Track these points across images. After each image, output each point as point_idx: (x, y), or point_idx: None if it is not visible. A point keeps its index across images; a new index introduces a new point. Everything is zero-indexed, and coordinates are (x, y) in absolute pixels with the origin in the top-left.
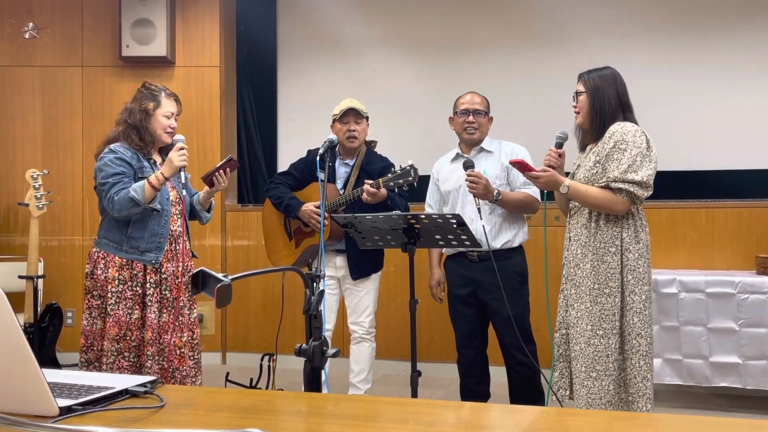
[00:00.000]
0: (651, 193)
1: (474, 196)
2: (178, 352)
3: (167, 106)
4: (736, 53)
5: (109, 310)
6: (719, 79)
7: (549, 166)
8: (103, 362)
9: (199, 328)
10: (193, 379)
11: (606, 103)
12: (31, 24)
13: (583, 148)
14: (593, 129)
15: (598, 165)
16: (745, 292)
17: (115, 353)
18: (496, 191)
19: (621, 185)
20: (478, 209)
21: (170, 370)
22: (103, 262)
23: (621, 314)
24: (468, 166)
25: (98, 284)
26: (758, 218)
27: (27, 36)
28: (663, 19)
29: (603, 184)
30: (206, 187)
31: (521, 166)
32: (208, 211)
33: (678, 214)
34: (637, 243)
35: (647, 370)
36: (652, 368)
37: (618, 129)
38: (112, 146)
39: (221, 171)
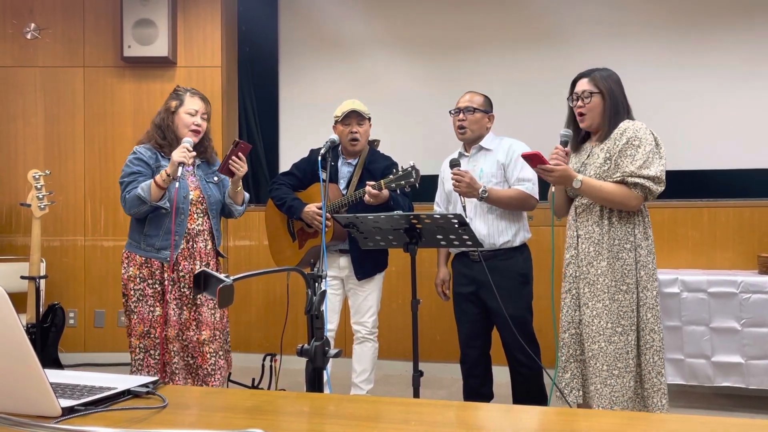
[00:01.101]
0: (664, 188)
1: (459, 195)
2: (200, 349)
3: (190, 103)
4: (737, 52)
5: (132, 307)
6: (720, 79)
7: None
8: (131, 358)
9: (223, 327)
10: (223, 379)
11: (620, 105)
12: (32, 24)
13: (576, 148)
14: (605, 129)
15: (609, 161)
16: (747, 291)
17: (143, 350)
18: (482, 188)
19: (637, 180)
20: (464, 207)
21: (194, 366)
22: (127, 261)
23: (636, 311)
24: (453, 165)
25: (123, 283)
26: (760, 218)
27: (29, 36)
28: (664, 18)
29: (618, 178)
30: (229, 180)
31: (535, 159)
32: (241, 204)
33: (680, 214)
34: (646, 239)
35: (661, 366)
36: (665, 363)
37: (630, 126)
38: (135, 148)
39: (234, 157)
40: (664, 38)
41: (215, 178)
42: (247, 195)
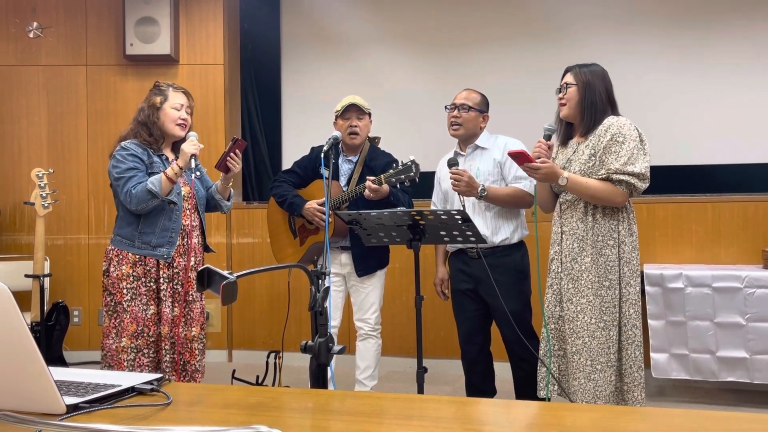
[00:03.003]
0: (648, 184)
1: (458, 194)
2: (188, 345)
3: (175, 98)
4: (742, 47)
5: (125, 306)
6: (725, 73)
7: (538, 158)
8: (123, 359)
9: (205, 323)
10: (201, 373)
11: (597, 98)
12: (35, 23)
13: (564, 143)
14: (582, 123)
15: (594, 158)
16: (751, 286)
17: (135, 350)
18: (481, 187)
19: (622, 177)
20: (463, 206)
21: (181, 363)
22: (117, 259)
23: (619, 306)
24: (452, 164)
25: (111, 282)
26: (765, 212)
27: (31, 35)
28: (669, 13)
29: (603, 175)
30: (222, 176)
31: (521, 157)
32: (228, 199)
33: (684, 209)
34: (630, 236)
35: (641, 360)
36: (644, 358)
37: (614, 122)
38: (123, 143)
39: (232, 154)
40: (668, 33)
41: (197, 173)
42: (232, 191)
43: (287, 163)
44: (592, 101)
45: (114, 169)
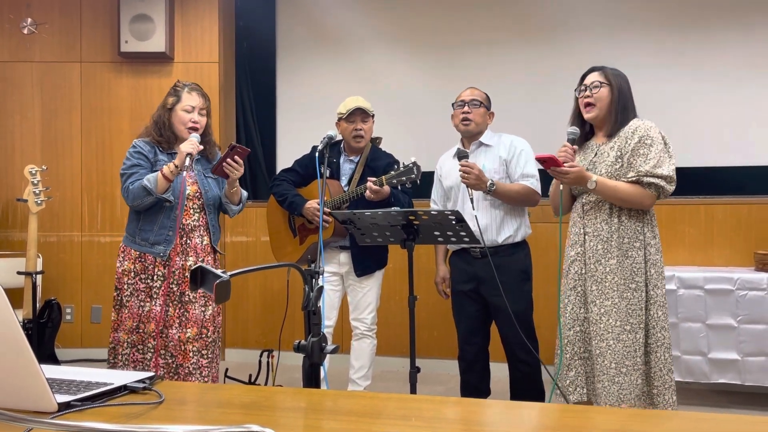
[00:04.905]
0: (675, 187)
1: (467, 187)
2: (182, 347)
3: (187, 100)
4: (735, 50)
5: (124, 301)
6: (718, 76)
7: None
8: (119, 352)
9: (214, 325)
10: (205, 379)
11: (628, 101)
12: (29, 19)
13: (580, 144)
14: (611, 124)
15: (620, 160)
16: (743, 288)
17: (130, 345)
18: (489, 182)
19: (652, 180)
20: (471, 199)
21: (174, 365)
22: (122, 255)
23: (646, 308)
24: (462, 156)
25: (117, 277)
26: (757, 215)
27: (26, 31)
28: (662, 16)
29: (633, 178)
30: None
31: (549, 162)
32: (238, 204)
33: (677, 211)
34: (654, 237)
35: (671, 362)
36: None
37: (641, 125)
38: (134, 141)
39: (229, 160)
40: (660, 36)
41: (186, 164)
42: (245, 194)
43: (282, 162)
44: (625, 105)
45: (122, 166)
